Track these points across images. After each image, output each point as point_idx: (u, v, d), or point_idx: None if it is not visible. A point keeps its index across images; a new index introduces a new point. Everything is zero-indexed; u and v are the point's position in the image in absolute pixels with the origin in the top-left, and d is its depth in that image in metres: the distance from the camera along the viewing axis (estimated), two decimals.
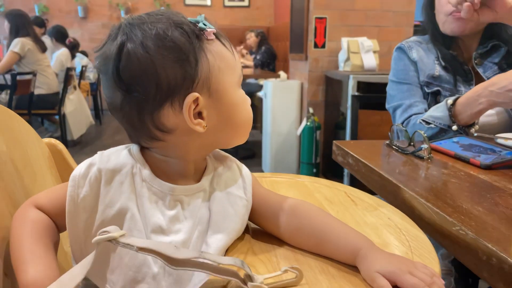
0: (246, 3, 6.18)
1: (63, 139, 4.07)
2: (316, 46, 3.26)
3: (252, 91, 5.05)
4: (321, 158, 3.24)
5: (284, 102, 3.37)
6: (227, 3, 6.15)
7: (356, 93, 2.29)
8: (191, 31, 0.49)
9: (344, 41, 3.11)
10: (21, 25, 3.62)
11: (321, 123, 3.25)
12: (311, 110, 3.25)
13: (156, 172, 0.53)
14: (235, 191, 0.57)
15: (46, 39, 4.19)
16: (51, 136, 4.51)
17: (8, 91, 3.27)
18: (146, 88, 0.48)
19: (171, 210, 0.51)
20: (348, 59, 3.08)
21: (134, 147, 0.54)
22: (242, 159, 3.86)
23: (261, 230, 0.62)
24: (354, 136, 2.17)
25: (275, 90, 3.35)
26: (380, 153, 0.98)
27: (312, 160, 3.17)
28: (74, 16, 5.87)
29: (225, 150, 0.62)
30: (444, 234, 0.60)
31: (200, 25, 0.50)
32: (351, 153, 0.95)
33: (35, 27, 3.99)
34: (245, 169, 0.61)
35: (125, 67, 0.48)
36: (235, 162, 0.61)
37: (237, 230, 0.56)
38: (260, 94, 4.12)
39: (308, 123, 3.16)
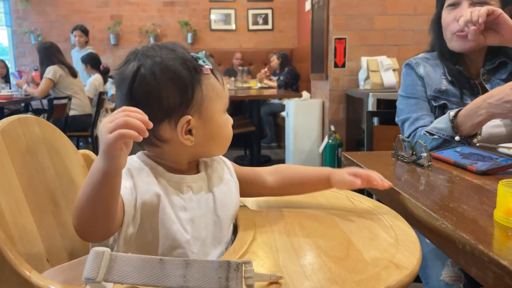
0: (269, 26, 6.36)
1: None
2: (336, 65, 3.35)
3: (275, 111, 5.16)
4: None
5: (306, 120, 3.45)
6: (252, 27, 6.34)
7: (371, 109, 2.34)
8: (192, 66, 0.64)
9: (364, 60, 3.19)
10: (49, 55, 3.88)
11: (342, 140, 3.31)
12: (332, 128, 3.31)
13: (168, 168, 0.68)
14: (225, 176, 0.74)
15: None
16: None
17: (45, 115, 3.49)
18: (151, 107, 0.62)
19: (186, 194, 0.67)
20: (368, 77, 3.15)
21: (141, 156, 0.68)
22: None
23: (262, 223, 0.70)
24: (370, 149, 2.22)
25: (297, 109, 3.44)
26: (385, 162, 1.05)
27: None
28: (106, 44, 6.19)
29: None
30: (430, 229, 0.67)
31: (200, 62, 0.65)
32: (357, 162, 1.02)
33: (81, 34, 4.73)
34: (225, 159, 0.79)
35: (136, 88, 0.62)
36: (217, 156, 0.77)
37: (235, 203, 0.73)
38: (283, 113, 4.22)
39: (330, 141, 3.22)
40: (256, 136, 3.85)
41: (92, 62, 4.42)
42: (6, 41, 6.55)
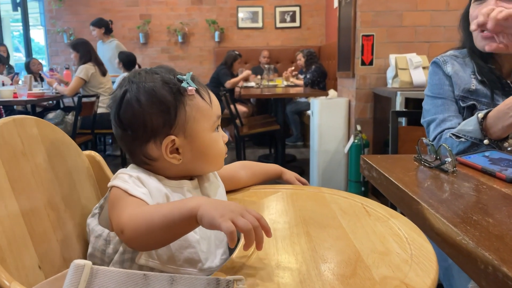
0: (297, 24, 6.28)
1: (122, 157, 4.34)
2: (363, 63, 3.25)
3: (301, 110, 5.09)
4: None
5: (331, 119, 3.36)
6: (279, 25, 6.28)
7: (398, 109, 2.24)
8: (176, 89, 0.67)
9: (392, 57, 3.08)
10: (86, 52, 3.95)
11: (369, 141, 3.21)
12: (358, 128, 3.22)
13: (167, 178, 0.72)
14: (214, 180, 0.79)
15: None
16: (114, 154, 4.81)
17: (74, 112, 3.56)
18: (137, 129, 0.67)
19: (189, 196, 0.70)
20: (396, 75, 3.04)
21: (137, 167, 0.71)
22: None
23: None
24: (394, 152, 2.13)
25: (322, 108, 3.36)
26: (406, 167, 0.98)
27: (360, 178, 3.12)
28: (135, 42, 6.27)
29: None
30: (449, 244, 0.60)
31: (183, 84, 0.67)
32: (375, 166, 0.96)
33: (93, 28, 4.87)
34: None
35: (123, 112, 0.67)
36: None
37: None
38: (309, 112, 4.15)
39: (356, 141, 3.13)
40: (281, 135, 3.79)
41: (126, 63, 4.44)
42: (43, 40, 6.74)
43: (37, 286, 0.52)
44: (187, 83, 0.68)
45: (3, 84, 3.87)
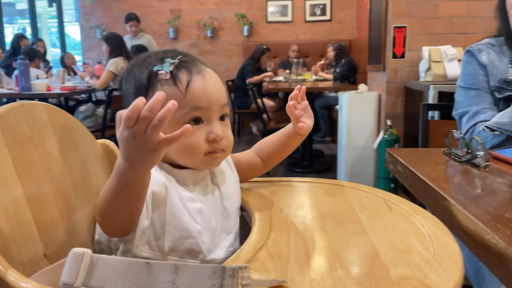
0: (327, 17, 6.16)
1: None
2: (394, 56, 3.15)
3: (330, 104, 5.00)
4: None
5: (360, 114, 3.28)
6: (309, 18, 6.18)
7: (429, 102, 2.14)
8: (153, 73, 0.65)
9: (426, 50, 2.96)
10: (117, 46, 4.00)
11: (399, 136, 3.10)
12: (389, 123, 3.12)
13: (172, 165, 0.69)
14: (226, 170, 0.76)
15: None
16: None
17: (104, 105, 3.62)
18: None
19: (193, 187, 0.68)
20: (429, 68, 2.92)
21: None
22: (317, 172, 3.81)
23: (280, 225, 0.62)
24: (424, 147, 2.04)
25: (351, 102, 3.28)
26: (435, 161, 0.92)
27: (389, 175, 3.03)
28: (165, 37, 6.33)
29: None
30: (478, 243, 0.55)
31: (156, 67, 0.65)
32: (401, 160, 0.91)
33: (136, 24, 4.90)
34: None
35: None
36: None
37: (238, 197, 0.75)
38: (337, 107, 4.06)
39: (386, 136, 3.04)
40: (309, 130, 3.72)
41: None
42: (78, 36, 6.91)
43: (35, 274, 0.50)
44: (161, 67, 0.65)
45: (38, 78, 3.98)
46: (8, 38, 6.05)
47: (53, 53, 8.10)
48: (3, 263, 0.46)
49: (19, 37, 5.06)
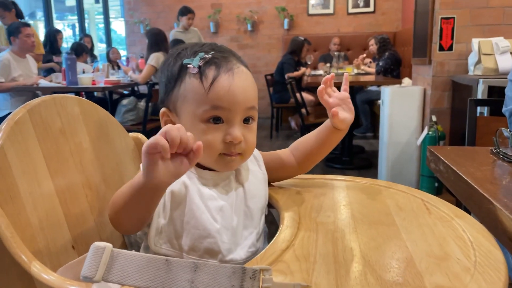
0: (371, 8, 5.98)
1: None
2: (441, 48, 3.00)
3: (372, 99, 4.86)
4: None
5: (404, 109, 3.16)
6: (351, 10, 6.03)
7: (478, 98, 2.02)
8: (184, 66, 0.65)
9: (475, 42, 2.80)
10: (157, 41, 4.08)
11: (445, 133, 2.96)
12: (434, 118, 2.99)
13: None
14: (253, 168, 0.74)
15: None
16: None
17: (146, 99, 3.71)
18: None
19: (215, 188, 0.66)
20: (479, 61, 2.77)
21: None
22: (358, 169, 3.72)
23: (308, 225, 0.59)
24: (471, 145, 1.92)
25: (394, 96, 3.16)
26: (480, 161, 0.85)
27: (434, 173, 2.90)
28: (206, 32, 6.38)
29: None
30: None
31: (186, 60, 0.65)
32: (443, 159, 0.85)
33: (193, 17, 4.86)
34: (256, 151, 0.77)
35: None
36: None
37: (265, 195, 0.72)
38: (379, 101, 3.94)
39: (430, 132, 2.91)
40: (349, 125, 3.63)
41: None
42: (123, 31, 7.12)
43: (61, 268, 0.51)
44: (191, 61, 0.64)
45: (84, 72, 4.13)
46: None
47: (100, 48, 8.38)
48: (28, 255, 0.46)
49: (55, 32, 5.14)
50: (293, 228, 0.60)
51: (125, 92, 4.85)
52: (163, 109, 0.68)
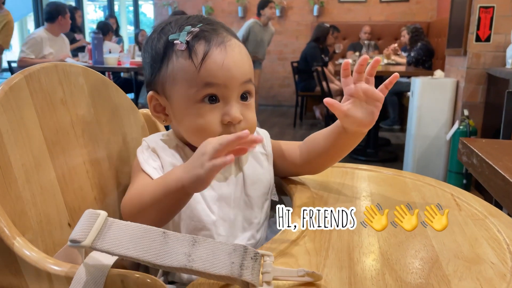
0: None
1: None
2: (478, 39, 2.85)
3: (402, 90, 4.71)
4: None
5: (434, 102, 3.03)
6: None
7: None
8: (170, 42, 0.58)
9: None
10: None
11: (477, 128, 2.83)
12: (466, 113, 2.85)
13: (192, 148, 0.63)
14: (256, 149, 0.66)
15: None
16: None
17: None
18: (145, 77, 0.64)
19: None
20: None
21: (170, 133, 0.65)
22: (382, 161, 3.61)
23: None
24: (507, 139, 1.81)
25: (424, 88, 3.04)
26: None
27: (462, 170, 2.78)
28: (234, 16, 6.30)
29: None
30: None
31: (172, 36, 0.58)
32: (477, 151, 0.78)
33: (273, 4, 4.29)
34: (261, 130, 0.70)
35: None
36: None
37: (268, 180, 0.65)
38: (409, 93, 3.81)
39: (461, 127, 2.78)
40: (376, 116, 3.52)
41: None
42: (152, 14, 7.13)
43: (56, 254, 0.47)
44: (178, 36, 0.57)
45: (110, 52, 4.14)
46: (90, 15, 6.34)
47: (129, 31, 8.44)
48: (13, 230, 0.43)
49: (73, 9, 5.04)
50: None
51: None
52: (150, 93, 0.62)
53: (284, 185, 0.68)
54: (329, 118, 3.62)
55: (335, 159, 0.66)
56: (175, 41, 0.57)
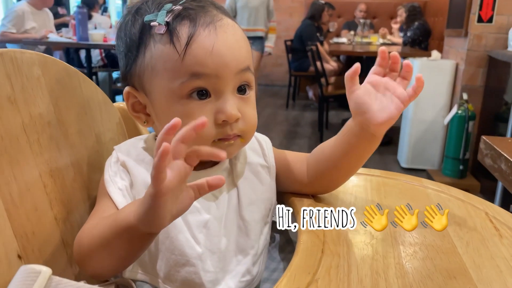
0: None
1: None
2: (480, 20, 2.73)
3: None
4: (471, 154, 2.75)
5: (432, 84, 2.93)
6: None
7: None
8: (146, 25, 0.47)
9: None
10: None
11: (476, 113, 2.74)
12: (465, 96, 2.76)
13: None
14: (255, 160, 0.55)
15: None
16: None
17: None
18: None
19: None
20: None
21: (148, 139, 0.54)
22: None
23: (336, 245, 0.43)
24: None
25: (422, 70, 2.93)
26: None
27: (459, 155, 2.70)
28: None
29: None
30: None
31: (148, 17, 0.47)
32: (506, 155, 0.67)
33: None
34: (261, 136, 0.58)
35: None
36: None
37: (267, 198, 0.54)
38: None
39: (460, 112, 2.69)
40: None
41: None
42: None
43: None
44: (155, 16, 0.46)
45: (95, 28, 3.95)
46: None
47: (118, 4, 8.13)
48: None
49: None
50: (314, 251, 0.43)
51: None
52: (126, 88, 0.51)
53: (287, 201, 0.57)
54: (323, 99, 3.51)
55: (346, 171, 0.54)
56: (152, 23, 0.46)
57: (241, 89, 0.49)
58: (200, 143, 0.46)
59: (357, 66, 0.48)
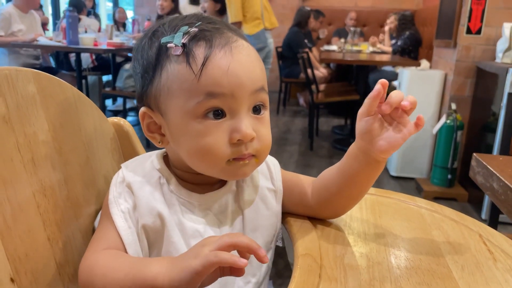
0: None
1: None
2: (469, 31, 2.77)
3: (387, 80, 4.64)
4: (459, 164, 2.78)
5: (421, 94, 2.96)
6: None
7: (508, 89, 1.84)
8: (163, 46, 0.48)
9: (507, 27, 2.58)
10: None
11: (464, 123, 2.78)
12: (453, 106, 2.79)
13: (182, 181, 0.53)
14: (263, 183, 0.56)
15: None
16: None
17: None
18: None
19: (203, 218, 0.52)
20: (509, 48, 2.55)
21: (156, 158, 0.55)
22: None
23: (333, 268, 0.43)
24: (505, 145, 1.75)
25: (412, 79, 2.96)
26: None
27: (447, 165, 2.74)
28: None
29: None
30: None
31: (164, 39, 0.48)
32: (498, 175, 0.68)
33: None
34: (270, 158, 0.58)
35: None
36: None
37: (272, 224, 0.55)
38: (395, 83, 3.74)
39: (448, 121, 2.73)
40: (360, 105, 3.45)
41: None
42: None
43: None
44: (172, 38, 0.47)
45: (86, 31, 3.92)
46: None
47: (108, 7, 8.09)
48: None
49: None
50: (311, 275, 0.43)
51: (130, 55, 4.64)
52: (142, 109, 0.52)
53: (284, 224, 0.57)
54: (313, 106, 3.52)
55: (349, 198, 0.54)
56: (168, 45, 0.47)
57: (256, 109, 0.49)
58: (215, 163, 0.47)
59: (378, 89, 0.49)
